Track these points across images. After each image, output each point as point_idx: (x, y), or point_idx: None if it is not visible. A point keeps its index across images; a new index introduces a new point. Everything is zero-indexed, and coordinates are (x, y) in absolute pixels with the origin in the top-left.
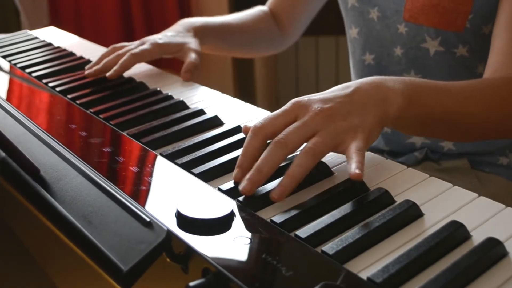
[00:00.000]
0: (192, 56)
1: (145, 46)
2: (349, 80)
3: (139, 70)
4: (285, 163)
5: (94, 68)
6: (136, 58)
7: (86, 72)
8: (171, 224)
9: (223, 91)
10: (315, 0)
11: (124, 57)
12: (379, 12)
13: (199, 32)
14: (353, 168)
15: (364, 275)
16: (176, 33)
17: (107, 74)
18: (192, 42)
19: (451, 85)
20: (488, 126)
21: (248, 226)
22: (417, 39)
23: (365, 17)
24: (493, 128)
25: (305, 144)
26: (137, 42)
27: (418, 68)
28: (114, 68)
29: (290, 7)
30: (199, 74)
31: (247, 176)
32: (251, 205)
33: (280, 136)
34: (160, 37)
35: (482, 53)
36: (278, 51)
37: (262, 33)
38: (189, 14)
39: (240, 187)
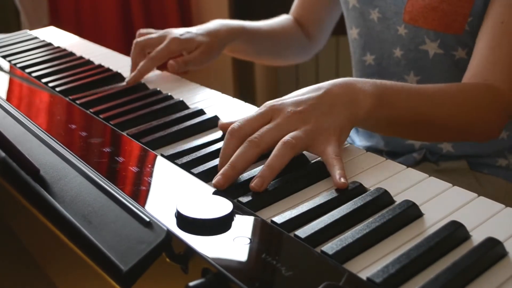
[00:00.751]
0: (193, 55)
1: (164, 45)
2: None
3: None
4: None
5: (132, 75)
6: (154, 62)
7: (125, 82)
8: (171, 224)
9: (223, 91)
10: (335, 7)
11: (142, 63)
12: (380, 13)
13: (228, 33)
14: (338, 177)
15: (364, 275)
16: (201, 31)
17: (125, 82)
18: (207, 46)
19: (424, 88)
20: (456, 130)
21: (248, 226)
22: (417, 41)
23: (366, 18)
24: (460, 132)
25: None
26: (161, 32)
27: (418, 70)
28: (133, 74)
29: (315, 13)
30: (184, 69)
31: (221, 171)
32: (251, 205)
33: (254, 135)
34: (182, 33)
35: None
36: (306, 59)
37: (291, 40)
38: (189, 14)
39: (214, 180)
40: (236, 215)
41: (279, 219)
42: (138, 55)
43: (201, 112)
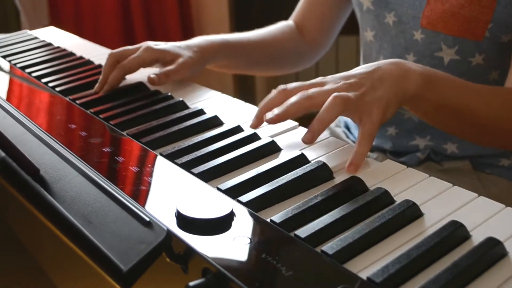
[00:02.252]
0: (171, 67)
1: (136, 54)
2: None
3: (139, 70)
4: (280, 183)
5: (99, 84)
6: (124, 70)
7: (95, 89)
8: (171, 224)
9: (223, 91)
10: (345, 7)
11: (113, 73)
12: (396, 17)
13: (212, 51)
14: (348, 163)
15: (364, 275)
16: (180, 44)
17: (95, 89)
18: (187, 58)
19: (471, 83)
20: (499, 131)
21: (248, 226)
22: (433, 47)
23: (381, 21)
24: (503, 135)
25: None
26: (136, 47)
27: None
28: (104, 88)
29: (318, 17)
30: (165, 81)
31: (275, 111)
32: (251, 205)
33: (309, 91)
34: (157, 43)
35: (497, 60)
36: (306, 66)
37: (286, 48)
38: (189, 14)
39: (267, 116)
40: (236, 215)
41: (279, 219)
42: (110, 66)
43: (201, 112)
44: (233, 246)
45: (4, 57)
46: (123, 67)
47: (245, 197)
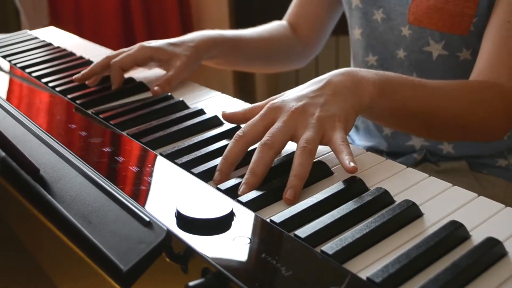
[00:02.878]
0: (170, 73)
1: (129, 52)
2: None
3: (139, 70)
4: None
5: (82, 75)
6: (118, 66)
7: (74, 76)
8: (171, 224)
9: (223, 91)
10: (336, 7)
11: (111, 72)
12: (384, 13)
13: (206, 45)
14: (347, 162)
15: (363, 275)
16: (174, 41)
17: (87, 82)
18: (182, 57)
19: (428, 82)
20: (460, 126)
21: (248, 226)
22: (420, 42)
23: (369, 18)
24: (464, 128)
25: (296, 144)
26: (130, 47)
27: (421, 71)
28: (113, 86)
29: (311, 17)
30: (169, 89)
31: (244, 180)
32: (251, 205)
33: (265, 138)
34: (150, 42)
35: None
36: (301, 65)
37: (281, 46)
38: (189, 14)
39: (239, 191)
40: (236, 215)
41: (279, 219)
42: (101, 65)
43: (201, 112)
44: (233, 246)
45: (4, 57)
46: (116, 63)
47: (245, 197)
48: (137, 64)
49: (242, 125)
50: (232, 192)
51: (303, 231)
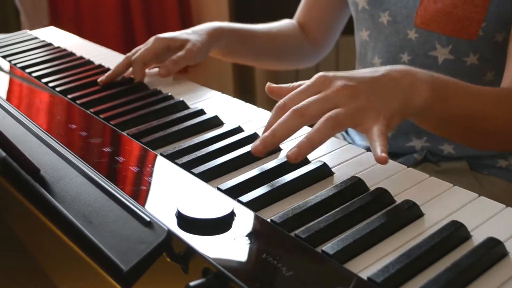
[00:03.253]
0: (180, 53)
1: (146, 46)
2: None
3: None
4: (281, 182)
5: (106, 75)
6: (141, 61)
7: (99, 79)
8: (172, 224)
9: (223, 91)
10: (344, 9)
11: (133, 69)
12: (390, 16)
13: (217, 33)
14: (379, 151)
15: (364, 275)
16: (188, 30)
17: (99, 80)
18: (196, 42)
19: (476, 87)
20: (506, 134)
21: (248, 226)
22: (426, 47)
23: (375, 21)
24: (507, 138)
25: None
26: (148, 41)
27: None
28: (107, 73)
29: (319, 19)
30: (175, 69)
31: (261, 137)
32: (251, 205)
33: (299, 105)
34: (165, 33)
35: (493, 61)
36: (309, 64)
37: (289, 43)
38: (189, 14)
39: (252, 146)
40: (237, 215)
41: (279, 219)
42: (124, 65)
43: (201, 112)
44: (233, 246)
45: (4, 57)
46: (138, 59)
47: (245, 197)
48: (157, 55)
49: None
50: (232, 192)
51: (304, 231)
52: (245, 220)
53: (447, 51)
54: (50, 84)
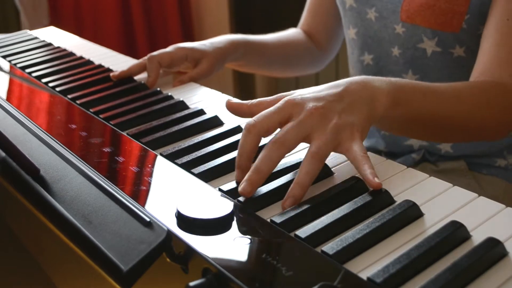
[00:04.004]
0: (197, 70)
1: (165, 50)
2: None
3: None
4: (282, 167)
5: (120, 71)
6: (156, 60)
7: (111, 74)
8: (171, 224)
9: (223, 91)
10: None
11: (148, 65)
12: (377, 12)
13: (233, 46)
14: (371, 177)
15: (364, 275)
16: (205, 42)
17: (111, 74)
18: (211, 57)
19: (438, 86)
20: (472, 128)
21: (248, 226)
22: (414, 40)
23: (363, 18)
24: (474, 130)
25: (306, 147)
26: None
27: (416, 69)
28: (149, 79)
29: (323, 27)
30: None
31: (246, 177)
32: (251, 205)
33: (277, 135)
34: (185, 43)
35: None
36: (318, 69)
37: (299, 50)
38: (189, 14)
39: (240, 188)
40: (236, 215)
41: (279, 219)
42: (139, 65)
43: (201, 112)
44: (233, 246)
45: (4, 57)
46: (155, 57)
47: (245, 197)
48: (173, 61)
49: (251, 118)
50: (232, 192)
51: (304, 231)
52: (245, 220)
53: (434, 43)
54: (50, 84)
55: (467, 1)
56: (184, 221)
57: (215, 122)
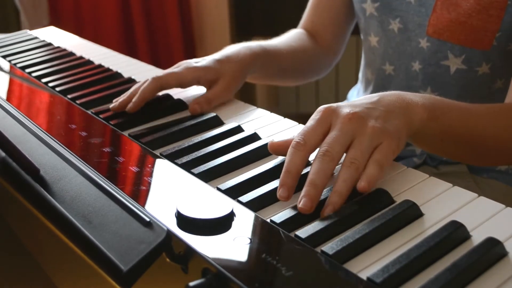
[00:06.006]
0: (213, 91)
1: (175, 70)
2: (349, 80)
3: (139, 70)
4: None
5: (120, 100)
6: (158, 83)
7: (111, 106)
8: (171, 224)
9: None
10: (352, 10)
11: (145, 85)
12: (401, 23)
13: (251, 59)
14: (361, 179)
15: (364, 275)
16: (221, 57)
17: (127, 108)
18: (229, 76)
19: (473, 105)
20: (506, 149)
21: (248, 226)
22: (438, 56)
23: (385, 28)
24: (507, 154)
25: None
26: (175, 66)
27: (436, 85)
28: (134, 99)
29: (330, 25)
30: (208, 109)
31: (303, 193)
32: (251, 205)
33: (324, 148)
34: (197, 60)
35: (504, 69)
36: (325, 73)
37: (309, 56)
38: (189, 15)
39: (300, 204)
40: (236, 215)
41: (279, 219)
42: (150, 90)
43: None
44: (233, 246)
45: (4, 57)
46: (159, 79)
47: (245, 197)
48: (181, 85)
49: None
50: (232, 192)
51: (304, 231)
52: (244, 220)
53: (460, 61)
54: (50, 84)
55: (500, 18)
56: (184, 221)
57: (215, 122)
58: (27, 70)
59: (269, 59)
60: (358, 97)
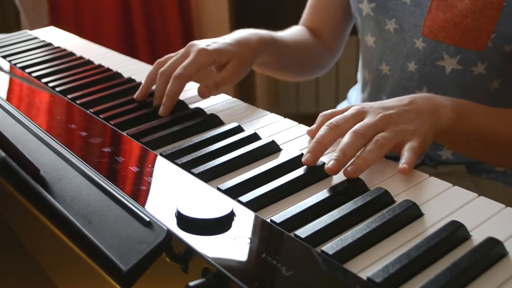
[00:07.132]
0: (222, 75)
1: (191, 59)
2: (349, 80)
3: (139, 70)
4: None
5: (141, 92)
6: (182, 81)
7: (135, 96)
8: (171, 224)
9: (223, 91)
10: (350, 11)
11: (169, 86)
12: (397, 24)
13: (261, 45)
14: (401, 163)
15: (364, 275)
16: (230, 40)
17: (160, 113)
18: (238, 61)
19: (499, 108)
20: None
21: (248, 226)
22: (434, 56)
23: (381, 28)
24: None
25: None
26: (181, 52)
27: (431, 86)
28: (163, 103)
29: (329, 23)
30: (216, 93)
31: (334, 157)
32: (251, 205)
33: (358, 127)
34: (208, 43)
35: (500, 70)
36: (325, 71)
37: (312, 50)
38: (189, 14)
39: (328, 164)
40: (236, 215)
41: (279, 219)
42: (153, 74)
43: (201, 112)
44: (233, 246)
45: (4, 57)
46: (181, 76)
47: (245, 197)
48: (200, 71)
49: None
50: (232, 192)
51: (304, 231)
52: (245, 220)
53: (455, 61)
54: (50, 84)
55: (495, 20)
56: (184, 221)
57: (215, 122)
58: (27, 70)
59: (276, 48)
60: (357, 97)
